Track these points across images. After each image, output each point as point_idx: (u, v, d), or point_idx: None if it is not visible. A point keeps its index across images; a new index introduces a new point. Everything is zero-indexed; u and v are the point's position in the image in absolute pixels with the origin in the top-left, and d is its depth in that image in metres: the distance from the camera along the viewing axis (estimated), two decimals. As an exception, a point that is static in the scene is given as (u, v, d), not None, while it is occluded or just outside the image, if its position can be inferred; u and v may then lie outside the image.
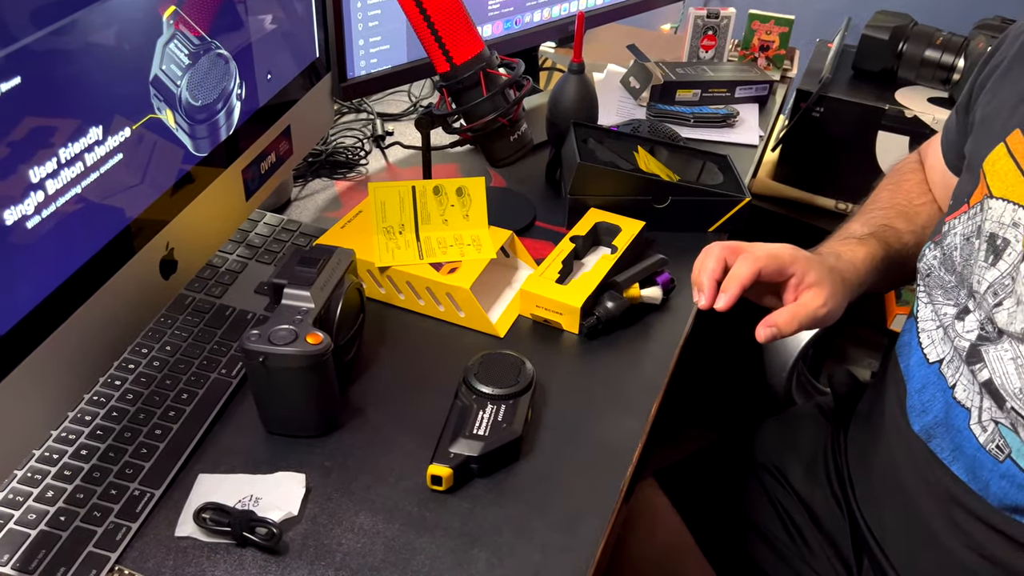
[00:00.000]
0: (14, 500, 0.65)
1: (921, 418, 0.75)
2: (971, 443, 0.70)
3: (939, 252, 0.76)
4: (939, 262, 0.76)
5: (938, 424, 0.73)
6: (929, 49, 1.41)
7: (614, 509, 0.70)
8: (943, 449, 0.73)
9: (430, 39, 0.87)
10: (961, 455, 0.71)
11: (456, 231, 0.91)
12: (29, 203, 0.58)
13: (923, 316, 0.78)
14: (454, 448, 0.70)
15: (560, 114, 1.07)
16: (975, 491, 0.70)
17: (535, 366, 0.78)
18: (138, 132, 0.68)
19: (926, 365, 0.76)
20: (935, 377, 0.74)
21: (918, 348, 0.77)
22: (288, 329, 0.70)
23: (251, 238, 0.95)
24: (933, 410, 0.74)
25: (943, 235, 0.76)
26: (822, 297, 0.75)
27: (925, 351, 0.76)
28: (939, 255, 0.76)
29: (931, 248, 0.78)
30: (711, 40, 1.40)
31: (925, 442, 0.74)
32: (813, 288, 0.75)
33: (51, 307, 0.62)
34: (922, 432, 0.75)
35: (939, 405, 0.73)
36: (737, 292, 0.74)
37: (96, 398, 0.74)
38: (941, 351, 0.75)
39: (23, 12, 0.55)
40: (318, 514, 0.68)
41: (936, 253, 0.77)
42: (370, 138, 1.21)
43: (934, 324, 0.76)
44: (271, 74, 0.87)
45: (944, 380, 0.73)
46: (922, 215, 0.90)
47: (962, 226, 0.74)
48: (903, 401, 0.78)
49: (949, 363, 0.73)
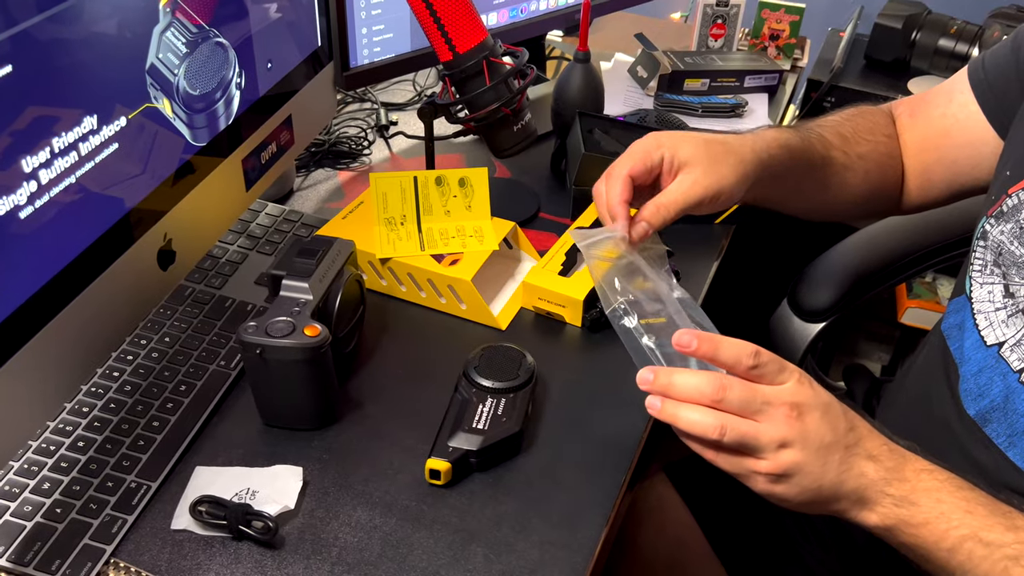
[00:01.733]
0: (10, 492, 0.65)
1: (977, 402, 0.72)
2: None
3: (1012, 226, 0.70)
4: (1014, 236, 0.70)
5: (996, 408, 0.70)
6: (943, 38, 1.39)
7: (615, 506, 0.69)
8: (999, 434, 0.70)
9: (433, 27, 0.86)
10: (1022, 440, 0.68)
11: (458, 222, 0.90)
12: (22, 193, 0.57)
13: (979, 297, 0.73)
14: (453, 442, 0.70)
15: (565, 104, 1.06)
16: None
17: (537, 359, 0.77)
18: (134, 122, 0.68)
19: (983, 348, 0.72)
20: (994, 360, 0.71)
21: (974, 330, 0.73)
22: (286, 321, 0.70)
23: (252, 229, 0.94)
24: (991, 394, 0.71)
25: (1014, 208, 0.70)
26: (694, 175, 0.70)
27: (982, 333, 0.72)
28: (1012, 229, 0.70)
29: (994, 223, 0.72)
30: (720, 29, 1.38)
31: (981, 426, 0.72)
32: (686, 167, 0.71)
33: (46, 297, 0.61)
34: (978, 416, 0.72)
35: (998, 389, 0.70)
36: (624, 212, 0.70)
37: (94, 389, 0.74)
38: (1003, 333, 0.71)
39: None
40: (315, 508, 0.68)
41: (1006, 227, 0.71)
42: (374, 128, 1.20)
43: (992, 305, 0.72)
44: (272, 63, 0.86)
45: (1005, 364, 0.70)
46: (861, 146, 0.85)
47: None
48: (955, 386, 0.74)
49: (1015, 346, 0.69)
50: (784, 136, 0.78)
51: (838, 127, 0.86)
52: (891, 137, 0.89)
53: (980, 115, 0.82)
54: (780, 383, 0.59)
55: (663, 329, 0.66)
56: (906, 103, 0.91)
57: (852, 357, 1.85)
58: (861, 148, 0.85)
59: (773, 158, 0.75)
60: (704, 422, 0.58)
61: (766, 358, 0.59)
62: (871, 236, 1.12)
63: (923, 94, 0.91)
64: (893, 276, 1.13)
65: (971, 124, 0.83)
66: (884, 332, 1.85)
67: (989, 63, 0.83)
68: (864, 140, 0.87)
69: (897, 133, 0.90)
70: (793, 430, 0.58)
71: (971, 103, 0.83)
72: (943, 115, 0.86)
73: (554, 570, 0.64)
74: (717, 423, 0.58)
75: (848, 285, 1.08)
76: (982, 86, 0.82)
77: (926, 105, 0.89)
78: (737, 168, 0.72)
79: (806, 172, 0.80)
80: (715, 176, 0.70)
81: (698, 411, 0.59)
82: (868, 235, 1.12)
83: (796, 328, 1.08)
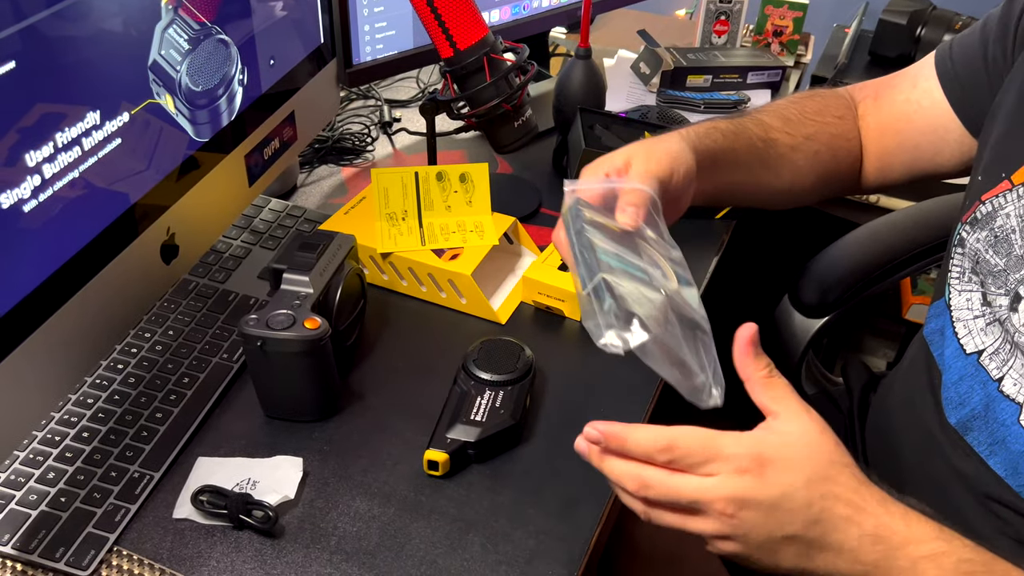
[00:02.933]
0: (16, 481, 0.66)
1: (958, 411, 0.71)
2: (1019, 439, 0.66)
3: (986, 234, 0.69)
4: (989, 245, 0.69)
5: (976, 417, 0.70)
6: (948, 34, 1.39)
7: (611, 497, 0.69)
8: (980, 443, 0.70)
9: (433, 24, 0.87)
10: (1002, 449, 0.68)
11: (459, 217, 0.91)
12: (25, 187, 0.58)
13: (957, 304, 0.73)
14: (451, 434, 0.70)
15: (566, 100, 1.06)
16: (1013, 487, 0.67)
17: (536, 353, 0.78)
18: (137, 117, 0.69)
19: (963, 356, 0.71)
20: (973, 369, 0.70)
21: (953, 338, 0.73)
22: (286, 314, 0.71)
23: (255, 224, 0.95)
24: (971, 403, 0.70)
25: (988, 216, 0.69)
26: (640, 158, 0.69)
27: (961, 341, 0.72)
28: (986, 236, 0.69)
29: (969, 230, 0.71)
30: (724, 25, 1.38)
31: (961, 434, 0.71)
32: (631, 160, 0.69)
33: (50, 289, 0.62)
34: (958, 425, 0.71)
35: (978, 398, 0.70)
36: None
37: (99, 381, 0.75)
38: (981, 341, 0.70)
39: (16, -4, 0.55)
40: (315, 498, 0.68)
41: (981, 235, 0.70)
42: (377, 124, 1.21)
43: (971, 313, 0.71)
44: (274, 60, 0.86)
45: (984, 372, 0.69)
46: (807, 127, 0.84)
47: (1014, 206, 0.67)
48: (937, 392, 0.74)
49: (994, 355, 0.69)
50: (712, 123, 0.78)
51: (782, 110, 0.85)
52: (842, 118, 0.87)
53: (945, 103, 0.80)
54: (708, 475, 0.53)
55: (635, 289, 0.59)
56: (870, 86, 0.90)
57: (857, 353, 1.85)
58: (807, 129, 0.84)
59: (703, 138, 0.74)
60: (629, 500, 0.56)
61: (681, 451, 0.53)
62: (873, 231, 1.11)
63: (887, 77, 0.89)
64: (895, 272, 1.13)
65: (935, 111, 0.81)
66: (889, 328, 1.85)
67: (957, 52, 0.81)
68: (811, 121, 0.85)
69: (856, 115, 0.89)
70: (727, 526, 0.53)
71: (935, 90, 0.81)
72: (906, 100, 0.84)
73: (550, 559, 0.64)
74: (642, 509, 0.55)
75: (850, 281, 1.08)
76: (948, 75, 0.81)
77: (890, 89, 0.87)
78: (675, 143, 0.71)
79: (747, 153, 0.79)
80: (662, 152, 0.69)
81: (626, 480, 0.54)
82: (870, 230, 1.11)
83: (797, 324, 1.09)
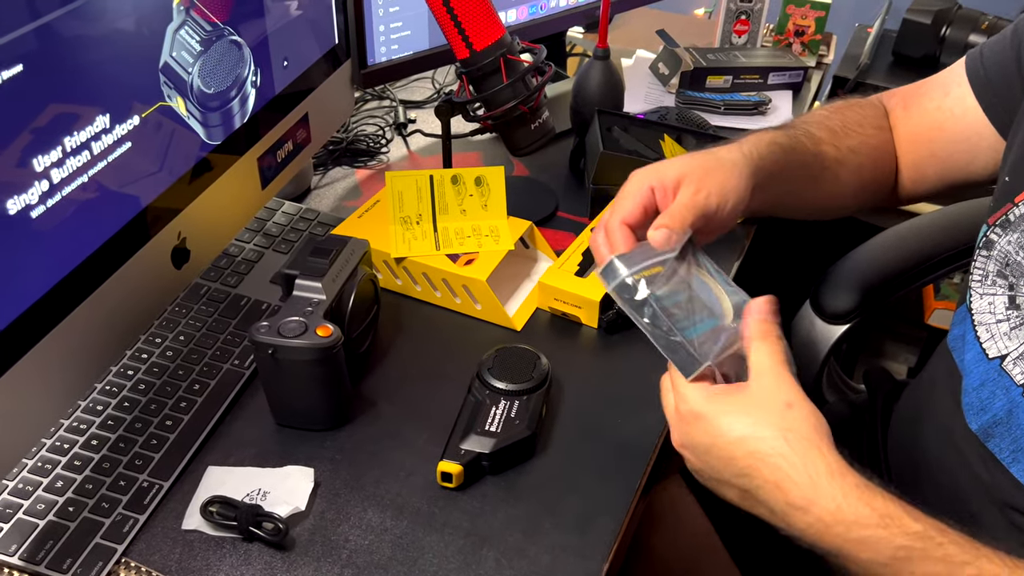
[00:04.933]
0: (23, 490, 0.65)
1: (979, 416, 0.70)
2: None
3: (1019, 235, 0.67)
4: (1021, 247, 0.67)
5: (998, 423, 0.69)
6: (974, 34, 1.36)
7: (629, 511, 0.68)
8: (1003, 450, 0.68)
9: (450, 24, 0.85)
10: None
11: (474, 221, 0.89)
12: (33, 192, 0.57)
13: (979, 308, 0.72)
14: (465, 445, 0.69)
15: (584, 101, 1.04)
16: None
17: (552, 361, 0.76)
18: (148, 120, 0.67)
19: (985, 361, 0.70)
20: (995, 374, 0.69)
21: (975, 342, 0.72)
22: (298, 321, 0.69)
23: (268, 227, 0.94)
24: (993, 408, 0.69)
25: (1021, 217, 0.68)
26: (693, 184, 0.66)
27: (984, 346, 0.71)
28: (1019, 239, 0.67)
29: (1000, 232, 0.70)
30: (744, 25, 1.36)
31: (983, 441, 0.70)
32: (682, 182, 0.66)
33: (60, 294, 0.61)
34: (980, 431, 0.70)
35: (1000, 403, 0.68)
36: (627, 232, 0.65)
37: (108, 387, 0.74)
38: (1004, 346, 0.69)
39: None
40: (326, 509, 0.67)
41: (1012, 237, 0.68)
42: (392, 126, 1.19)
43: (993, 317, 0.70)
44: (288, 61, 0.85)
45: (1008, 378, 0.68)
46: (851, 139, 0.82)
47: None
48: (958, 398, 0.73)
49: (1019, 359, 0.67)
50: (770, 135, 0.75)
51: (826, 121, 0.83)
52: (882, 129, 0.85)
53: (978, 110, 0.79)
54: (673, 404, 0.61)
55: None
56: (899, 94, 0.88)
57: (878, 358, 1.82)
58: (851, 141, 0.82)
59: (764, 158, 0.72)
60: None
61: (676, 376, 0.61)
62: (897, 236, 1.09)
63: (916, 85, 0.87)
64: (921, 277, 1.10)
65: (968, 119, 0.79)
66: (911, 333, 1.82)
67: (988, 57, 0.79)
68: (854, 133, 0.83)
69: (890, 125, 0.87)
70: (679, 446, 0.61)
71: (968, 96, 0.79)
72: (938, 108, 0.82)
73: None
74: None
75: (872, 287, 1.06)
76: (981, 81, 0.79)
77: (920, 97, 0.85)
78: (733, 171, 0.68)
79: (800, 169, 0.77)
80: (715, 182, 0.67)
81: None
82: (894, 235, 1.09)
83: (818, 330, 1.06)
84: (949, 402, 0.74)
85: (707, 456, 0.59)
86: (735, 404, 0.57)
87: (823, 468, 0.55)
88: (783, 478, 0.55)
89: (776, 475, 0.55)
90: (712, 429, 0.57)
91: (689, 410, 0.59)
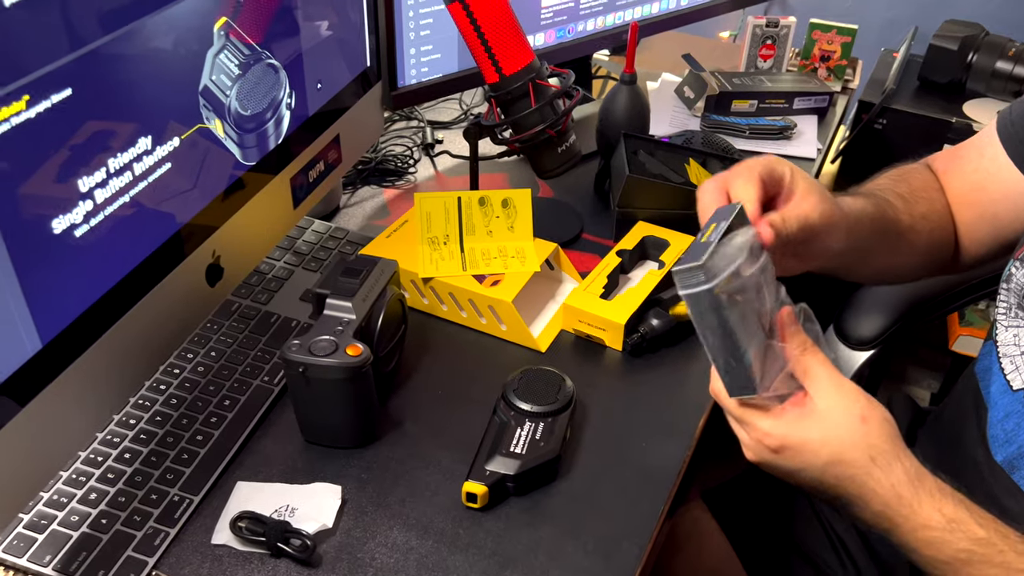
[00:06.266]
0: (58, 501, 0.67)
1: (1005, 448, 0.71)
2: None
3: None
4: None
5: (1023, 455, 0.69)
6: (1001, 60, 1.36)
7: (652, 535, 0.68)
8: None
9: (480, 49, 0.87)
10: None
11: (500, 243, 0.90)
12: (78, 212, 0.59)
13: (1004, 340, 0.73)
14: (490, 466, 0.70)
15: (610, 125, 1.05)
16: None
17: (576, 383, 0.77)
18: (186, 141, 0.69)
19: (1010, 393, 0.71)
20: (1020, 406, 0.70)
21: (999, 374, 0.72)
22: (329, 340, 0.70)
23: (298, 245, 0.95)
24: (1018, 440, 0.70)
25: None
26: (813, 198, 0.67)
27: (1008, 378, 0.71)
28: None
29: (1019, 265, 0.71)
30: (770, 49, 1.37)
31: (1008, 473, 0.70)
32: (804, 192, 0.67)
33: (99, 311, 0.63)
34: (1005, 463, 0.71)
35: None
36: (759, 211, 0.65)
37: (141, 402, 0.75)
38: None
39: (72, 26, 0.56)
40: (352, 527, 0.68)
41: None
42: (420, 146, 1.21)
43: (1017, 349, 0.71)
44: (321, 83, 0.87)
45: None
46: (920, 205, 0.82)
47: None
48: (984, 430, 0.73)
49: None
50: (862, 202, 0.76)
51: (895, 188, 0.83)
52: (941, 192, 0.86)
53: (1012, 167, 0.80)
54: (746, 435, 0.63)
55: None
56: (939, 159, 0.89)
57: (901, 383, 1.81)
58: (921, 208, 0.83)
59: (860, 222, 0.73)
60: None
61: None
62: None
63: (954, 149, 0.88)
64: (947, 304, 1.10)
65: (1005, 176, 0.80)
66: (934, 359, 1.81)
67: (1017, 113, 0.80)
68: (922, 199, 0.84)
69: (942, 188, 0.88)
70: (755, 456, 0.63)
71: (1001, 155, 0.81)
72: (976, 170, 0.83)
73: (589, 599, 0.63)
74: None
75: (897, 314, 1.06)
76: (1013, 140, 0.80)
77: (958, 161, 0.86)
78: (839, 208, 0.70)
79: (879, 235, 0.78)
80: (830, 205, 0.68)
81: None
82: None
83: (842, 356, 1.06)
84: (975, 433, 0.74)
85: (791, 477, 0.62)
86: (814, 429, 0.60)
87: (903, 477, 0.59)
88: (868, 492, 0.59)
89: (862, 490, 0.59)
90: (798, 459, 0.60)
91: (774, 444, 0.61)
